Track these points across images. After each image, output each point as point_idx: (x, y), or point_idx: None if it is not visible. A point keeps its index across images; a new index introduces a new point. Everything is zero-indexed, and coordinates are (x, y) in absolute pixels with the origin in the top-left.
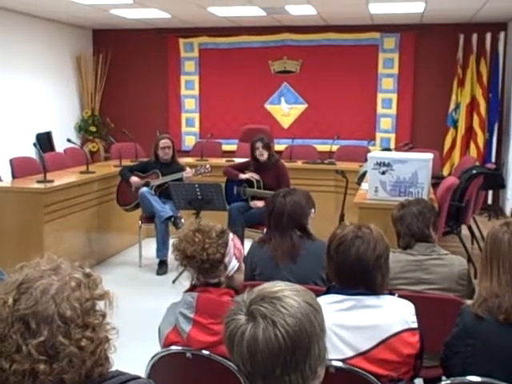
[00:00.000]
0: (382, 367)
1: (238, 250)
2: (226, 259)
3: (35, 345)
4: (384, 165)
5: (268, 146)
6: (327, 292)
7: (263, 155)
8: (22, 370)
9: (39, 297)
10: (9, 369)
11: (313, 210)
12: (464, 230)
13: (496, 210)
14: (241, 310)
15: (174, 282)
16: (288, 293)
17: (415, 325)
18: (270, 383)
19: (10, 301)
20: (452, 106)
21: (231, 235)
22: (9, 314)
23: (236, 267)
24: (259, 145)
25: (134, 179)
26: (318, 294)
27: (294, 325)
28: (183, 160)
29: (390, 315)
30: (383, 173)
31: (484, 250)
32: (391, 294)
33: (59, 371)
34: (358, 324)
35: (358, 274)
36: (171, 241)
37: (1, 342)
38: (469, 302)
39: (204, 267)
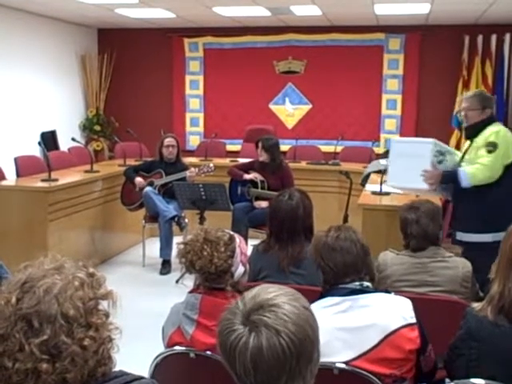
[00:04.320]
0: (384, 366)
1: (244, 255)
2: (233, 268)
3: (38, 344)
4: (441, 154)
5: (267, 149)
6: (322, 296)
7: (262, 156)
8: (25, 368)
9: (42, 296)
10: (12, 368)
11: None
12: None
13: None
14: (238, 320)
15: (177, 281)
16: (284, 299)
17: (413, 320)
18: None
19: (13, 300)
20: (457, 107)
21: (238, 240)
22: (12, 312)
23: (242, 272)
24: (260, 145)
25: (139, 180)
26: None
27: (297, 332)
28: (187, 160)
29: (387, 313)
30: (440, 162)
31: (509, 248)
32: (387, 291)
33: (62, 370)
34: (356, 325)
35: (364, 259)
36: (175, 241)
37: (4, 341)
38: (474, 304)
39: (211, 277)
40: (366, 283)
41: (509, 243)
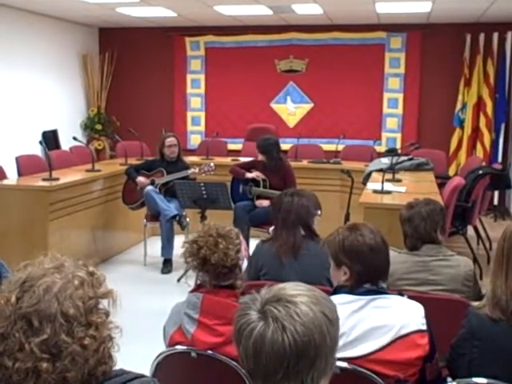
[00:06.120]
0: (389, 368)
1: (245, 250)
2: (240, 261)
3: (38, 343)
4: None
5: (261, 150)
6: (335, 292)
7: (259, 156)
8: (25, 368)
9: (42, 295)
10: (12, 367)
11: (319, 212)
12: (470, 231)
13: (502, 211)
14: (255, 305)
15: (178, 280)
16: (305, 299)
17: (424, 327)
18: None
19: (13, 299)
20: (458, 105)
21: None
22: (11, 312)
23: (245, 267)
24: (256, 145)
25: (141, 179)
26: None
27: (303, 334)
28: (188, 159)
29: (400, 316)
30: None
31: (500, 248)
32: (401, 294)
33: (62, 369)
34: (367, 325)
35: (387, 265)
36: (176, 240)
37: (4, 340)
38: (475, 303)
39: (222, 272)
40: (382, 284)
41: (500, 242)
